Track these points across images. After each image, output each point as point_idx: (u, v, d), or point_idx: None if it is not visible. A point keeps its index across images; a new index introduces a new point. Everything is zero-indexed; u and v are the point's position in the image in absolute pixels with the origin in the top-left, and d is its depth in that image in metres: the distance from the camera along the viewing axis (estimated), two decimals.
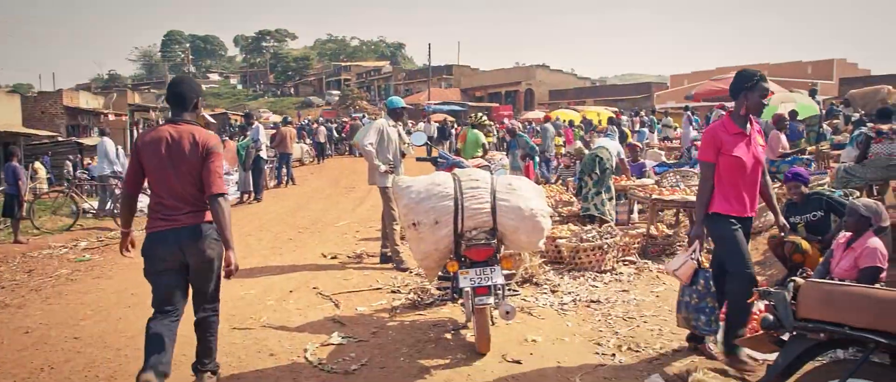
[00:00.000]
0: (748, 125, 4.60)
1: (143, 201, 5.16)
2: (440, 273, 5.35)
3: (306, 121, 34.88)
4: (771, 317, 3.10)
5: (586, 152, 10.56)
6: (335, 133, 31.69)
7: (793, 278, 3.25)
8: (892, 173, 8.63)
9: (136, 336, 5.34)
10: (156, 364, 3.78)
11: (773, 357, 3.25)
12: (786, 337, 3.14)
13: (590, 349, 5.12)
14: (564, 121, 25.32)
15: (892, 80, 22.52)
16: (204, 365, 4.25)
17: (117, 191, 11.57)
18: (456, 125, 32.78)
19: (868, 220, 5.33)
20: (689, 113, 20.00)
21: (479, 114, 11.08)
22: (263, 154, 14.87)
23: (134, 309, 6.19)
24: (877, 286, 4.88)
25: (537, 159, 13.26)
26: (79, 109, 32.00)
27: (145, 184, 4.13)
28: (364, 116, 35.75)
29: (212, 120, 29.52)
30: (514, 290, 5.72)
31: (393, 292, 6.71)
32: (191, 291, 4.13)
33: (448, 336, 5.33)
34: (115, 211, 11.47)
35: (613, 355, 4.97)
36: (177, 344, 4.00)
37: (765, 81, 4.51)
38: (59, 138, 27.92)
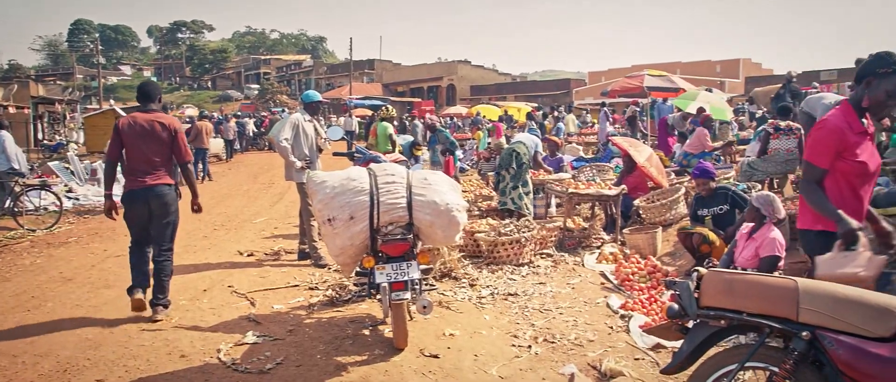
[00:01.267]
0: (866, 120, 3.61)
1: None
2: (357, 269, 5.32)
3: (219, 116, 33.89)
4: (676, 306, 3.21)
5: (505, 146, 10.68)
6: (254, 128, 31.03)
7: (697, 268, 3.36)
8: (791, 167, 9.09)
9: (36, 341, 5.12)
10: (142, 283, 5.55)
11: (679, 344, 3.35)
12: (690, 325, 3.25)
13: (507, 341, 5.19)
14: (485, 117, 25.55)
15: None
16: (158, 300, 5.63)
17: (17, 189, 10.97)
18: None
19: (761, 211, 5.63)
20: (605, 109, 20.52)
21: (389, 107, 11.07)
22: (106, 152, 14.30)
23: (34, 313, 5.90)
24: (775, 274, 5.14)
25: (457, 154, 13.32)
26: None
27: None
28: (284, 111, 35.12)
29: (123, 114, 28.31)
30: (432, 285, 5.74)
31: (310, 289, 6.62)
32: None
33: (366, 332, 5.30)
34: (15, 209, 10.90)
35: (530, 346, 5.06)
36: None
37: None
38: None
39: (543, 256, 7.80)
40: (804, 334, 2.83)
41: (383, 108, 10.89)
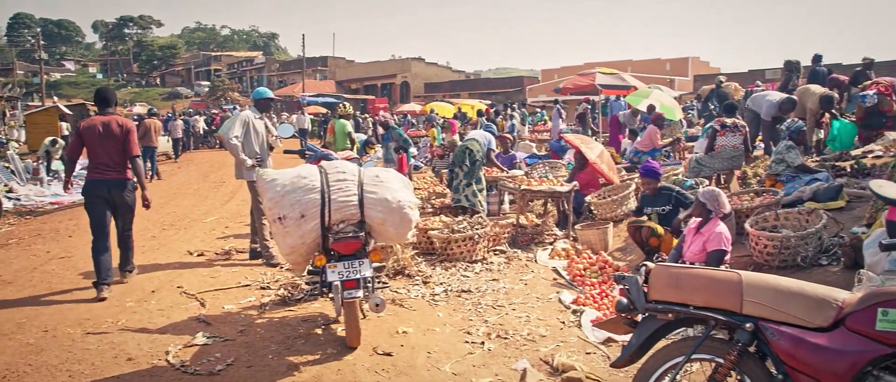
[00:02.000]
0: None
1: None
2: (309, 268, 5.27)
3: (168, 114, 33.20)
4: (625, 300, 3.26)
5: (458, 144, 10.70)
6: (204, 125, 30.48)
7: (645, 262, 3.42)
8: (736, 163, 9.32)
9: None
10: (106, 279, 6.25)
11: (629, 337, 3.40)
12: (639, 319, 3.30)
13: (460, 338, 5.21)
14: (439, 114, 25.53)
15: (738, 77, 24.34)
16: (124, 267, 6.73)
17: None
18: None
19: (707, 206, 5.76)
20: (558, 106, 20.73)
21: (346, 104, 11.01)
22: (66, 151, 13.97)
23: None
24: (721, 267, 5.26)
25: (411, 151, 13.30)
26: None
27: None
28: (235, 108, 34.59)
29: (67, 111, 27.50)
30: (385, 282, 5.72)
31: (262, 288, 6.54)
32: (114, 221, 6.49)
33: (318, 331, 5.26)
34: None
35: (483, 343, 5.08)
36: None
37: None
38: None
39: (497, 252, 7.84)
40: (747, 325, 2.91)
41: (341, 105, 10.83)
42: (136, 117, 27.83)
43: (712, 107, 16.18)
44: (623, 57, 44.73)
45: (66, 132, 26.22)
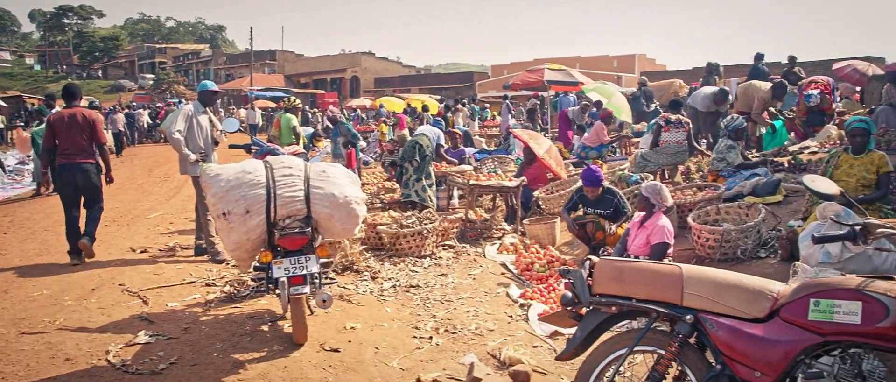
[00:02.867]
0: None
1: None
2: (255, 264, 5.20)
3: (114, 106, 32.31)
4: (570, 294, 3.30)
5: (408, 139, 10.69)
6: (148, 119, 29.75)
7: (589, 256, 3.47)
8: (680, 158, 9.52)
9: None
10: (74, 241, 7.17)
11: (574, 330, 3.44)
12: (584, 312, 3.35)
13: (408, 333, 5.21)
14: (387, 109, 25.38)
15: (683, 74, 24.90)
16: (88, 234, 7.32)
17: None
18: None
19: (650, 200, 5.87)
20: (507, 102, 20.85)
21: (292, 98, 10.90)
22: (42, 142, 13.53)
23: None
24: (665, 260, 5.38)
25: (359, 146, 13.23)
26: None
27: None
28: (181, 102, 33.84)
29: (2, 104, 26.59)
30: (332, 278, 5.68)
31: (207, 285, 6.42)
32: (83, 200, 7.38)
33: (265, 328, 5.20)
34: None
35: (431, 337, 5.10)
36: None
37: None
38: None
39: (445, 247, 7.86)
40: (688, 317, 2.98)
41: (286, 99, 10.69)
42: None
43: (644, 104, 16.60)
44: (572, 53, 45.12)
45: (1, 126, 25.24)
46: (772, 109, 11.15)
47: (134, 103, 39.50)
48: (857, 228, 2.99)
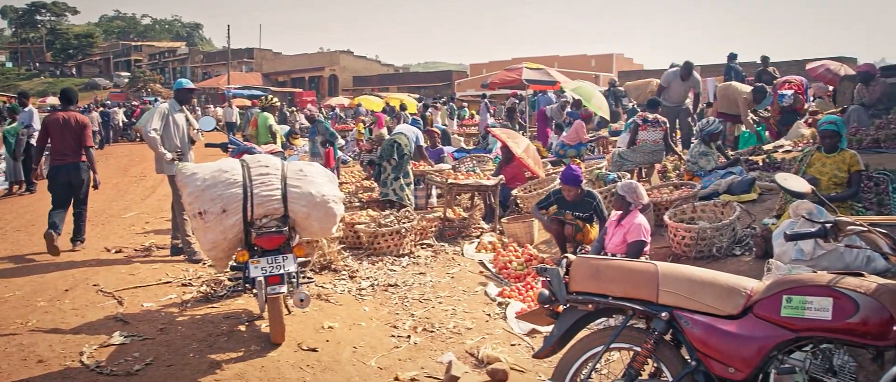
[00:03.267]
0: None
1: None
2: (232, 263, 5.17)
3: (89, 105, 31.89)
4: (547, 292, 3.32)
5: (386, 138, 10.67)
6: (124, 117, 29.39)
7: (566, 254, 3.48)
8: (657, 157, 9.60)
9: None
10: (56, 229, 7.25)
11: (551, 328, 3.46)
12: (561, 310, 3.36)
13: (386, 332, 5.21)
14: (366, 108, 25.32)
15: (660, 74, 25.02)
16: (77, 238, 7.94)
17: None
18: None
19: (626, 198, 5.91)
20: (485, 101, 20.89)
21: (270, 96, 10.84)
22: (35, 141, 13.35)
23: None
24: (641, 258, 5.41)
25: (338, 144, 13.17)
26: None
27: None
28: (157, 100, 33.48)
29: None
30: (309, 278, 5.65)
31: (184, 285, 6.36)
32: (72, 199, 7.70)
33: (242, 327, 5.16)
34: None
35: (409, 336, 5.10)
36: None
37: None
38: None
39: (424, 246, 7.86)
40: (663, 315, 3.01)
41: (264, 97, 10.61)
42: (49, 109, 26.58)
43: (613, 104, 16.80)
44: (550, 53, 45.27)
45: None
46: (753, 116, 11.33)
47: (109, 102, 39.03)
48: (829, 225, 3.03)
